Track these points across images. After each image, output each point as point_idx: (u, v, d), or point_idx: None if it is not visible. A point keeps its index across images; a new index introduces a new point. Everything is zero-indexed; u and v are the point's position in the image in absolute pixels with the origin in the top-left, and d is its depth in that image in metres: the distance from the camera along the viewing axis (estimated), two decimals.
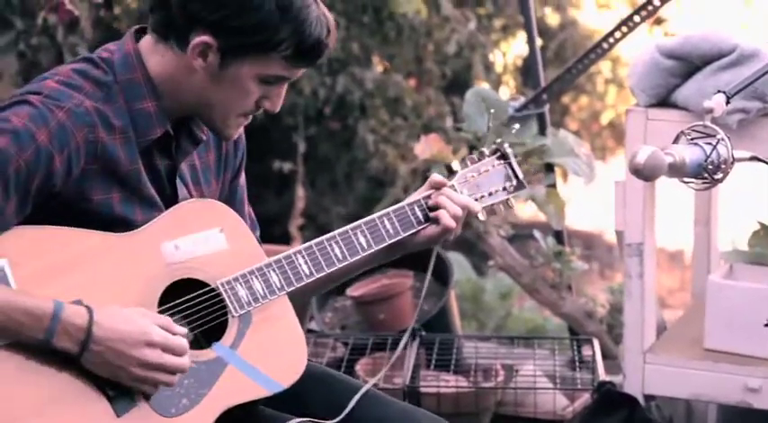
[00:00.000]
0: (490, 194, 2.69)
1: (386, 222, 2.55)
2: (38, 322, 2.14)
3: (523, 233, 5.23)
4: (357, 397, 2.52)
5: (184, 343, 2.27)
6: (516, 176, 2.72)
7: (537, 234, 4.79)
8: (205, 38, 2.29)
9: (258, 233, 2.66)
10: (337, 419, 2.48)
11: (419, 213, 2.58)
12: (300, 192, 7.81)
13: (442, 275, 4.77)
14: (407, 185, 7.67)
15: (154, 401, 2.27)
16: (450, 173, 4.44)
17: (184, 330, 2.30)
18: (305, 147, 7.90)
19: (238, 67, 2.32)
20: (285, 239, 7.30)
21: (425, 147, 4.67)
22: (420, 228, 2.58)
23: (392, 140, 7.92)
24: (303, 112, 7.91)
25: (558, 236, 4.87)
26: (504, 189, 2.70)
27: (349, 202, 8.58)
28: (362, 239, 2.53)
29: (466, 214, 2.59)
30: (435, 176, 2.62)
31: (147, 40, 2.38)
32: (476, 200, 2.65)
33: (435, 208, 2.58)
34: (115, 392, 2.23)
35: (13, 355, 2.16)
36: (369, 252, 2.54)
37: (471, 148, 4.55)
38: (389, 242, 2.56)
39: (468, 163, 2.69)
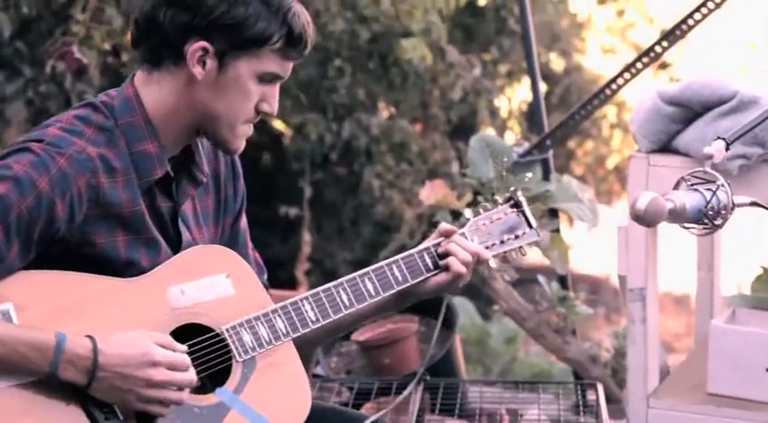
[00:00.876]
0: (502, 242, 2.69)
1: (394, 269, 2.57)
2: (42, 355, 2.16)
3: (528, 278, 5.24)
4: None
5: (186, 359, 2.30)
6: (529, 224, 2.73)
7: (541, 279, 4.80)
8: (201, 43, 2.34)
9: (265, 277, 2.68)
10: None
11: (428, 260, 2.60)
12: (307, 237, 7.83)
13: (447, 320, 4.77)
14: (413, 230, 7.70)
15: None
16: (456, 219, 4.49)
17: (184, 347, 2.32)
18: (311, 192, 7.94)
19: (236, 66, 2.37)
20: (291, 284, 7.32)
21: (430, 192, 4.70)
22: (429, 275, 2.60)
23: (398, 185, 7.96)
24: (309, 158, 7.95)
25: (563, 281, 4.89)
26: (517, 237, 2.71)
27: (355, 247, 8.61)
28: (370, 286, 2.54)
29: (476, 261, 2.61)
30: (444, 225, 2.64)
31: (139, 77, 2.42)
32: (487, 247, 2.66)
33: (445, 255, 2.59)
34: None
35: (17, 396, 2.17)
36: (376, 299, 2.55)
37: (476, 194, 4.58)
38: (397, 289, 2.57)
39: (481, 211, 2.70)
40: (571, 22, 10.40)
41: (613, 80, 4.92)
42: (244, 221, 2.69)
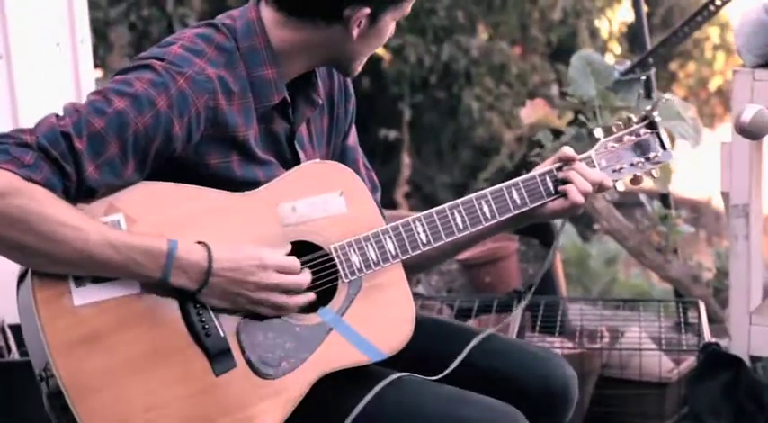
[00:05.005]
0: (632, 165, 2.60)
1: (513, 192, 2.50)
2: (154, 261, 2.18)
3: (629, 200, 5.21)
4: (467, 350, 2.50)
5: (296, 262, 2.29)
6: (663, 146, 2.63)
7: (643, 198, 4.76)
8: (365, 11, 2.35)
9: (379, 195, 2.65)
10: (443, 374, 2.44)
11: (550, 184, 2.53)
12: (406, 160, 7.86)
13: (547, 240, 4.78)
14: (513, 153, 7.69)
15: (253, 362, 2.27)
16: (557, 138, 4.46)
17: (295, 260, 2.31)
18: (410, 115, 7.95)
19: (384, 19, 2.39)
20: (392, 207, 7.36)
21: (531, 111, 4.67)
22: (548, 200, 2.52)
23: (497, 108, 7.94)
24: (408, 81, 7.95)
25: (664, 200, 4.85)
26: (648, 159, 2.62)
27: (454, 170, 8.62)
28: (486, 209, 2.48)
29: (597, 189, 2.54)
30: (565, 150, 2.55)
31: (269, 15, 2.40)
32: (615, 171, 2.58)
33: (565, 181, 2.52)
34: (216, 351, 2.23)
35: (118, 309, 2.18)
36: (492, 222, 2.49)
37: (577, 113, 4.55)
38: (515, 213, 2.50)
39: (614, 129, 2.60)
40: None
41: None
42: (352, 139, 2.67)
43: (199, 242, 2.23)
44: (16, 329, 3.67)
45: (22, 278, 2.20)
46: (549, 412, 2.52)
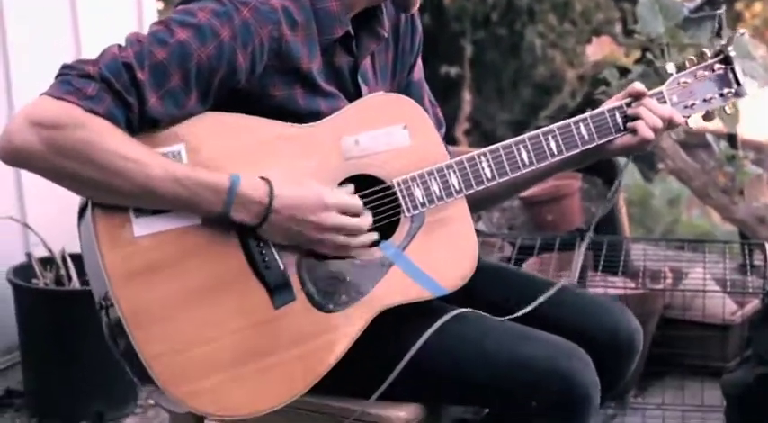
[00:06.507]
0: (704, 101, 2.56)
1: (581, 128, 2.47)
2: (215, 196, 2.15)
3: (694, 142, 5.13)
4: (539, 301, 2.47)
5: (359, 203, 2.27)
6: (738, 81, 2.58)
7: (710, 138, 4.68)
8: None
9: (443, 131, 2.63)
10: (510, 317, 2.41)
11: (619, 120, 2.50)
12: (467, 97, 7.80)
13: (611, 178, 4.72)
14: (575, 91, 7.60)
15: (312, 295, 2.25)
16: (624, 76, 4.39)
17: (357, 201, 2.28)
18: (472, 52, 7.88)
19: None
20: (451, 144, 7.32)
21: (596, 49, 4.61)
22: (617, 135, 2.50)
23: (560, 45, 7.85)
24: (470, 17, 7.87)
25: (732, 140, 4.76)
26: (722, 95, 2.58)
27: (515, 108, 8.55)
28: (553, 144, 2.44)
29: (668, 125, 2.50)
30: (635, 85, 2.51)
31: None
32: (686, 107, 2.55)
33: (634, 117, 2.49)
34: (276, 284, 2.21)
35: (178, 240, 2.16)
36: (558, 158, 2.46)
37: (644, 50, 4.48)
38: (582, 149, 2.47)
39: (687, 64, 2.56)
40: None
41: None
42: (417, 73, 2.64)
43: (261, 178, 2.19)
44: (77, 259, 3.68)
45: (83, 208, 2.19)
46: (614, 363, 2.50)
